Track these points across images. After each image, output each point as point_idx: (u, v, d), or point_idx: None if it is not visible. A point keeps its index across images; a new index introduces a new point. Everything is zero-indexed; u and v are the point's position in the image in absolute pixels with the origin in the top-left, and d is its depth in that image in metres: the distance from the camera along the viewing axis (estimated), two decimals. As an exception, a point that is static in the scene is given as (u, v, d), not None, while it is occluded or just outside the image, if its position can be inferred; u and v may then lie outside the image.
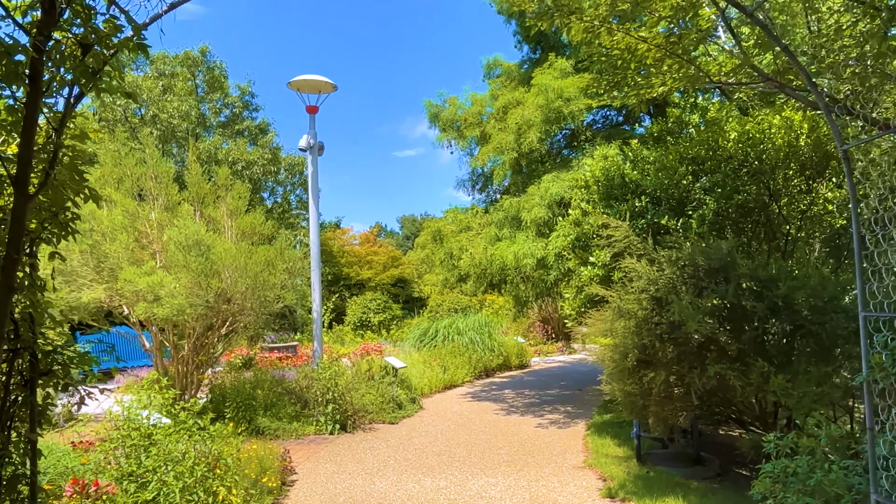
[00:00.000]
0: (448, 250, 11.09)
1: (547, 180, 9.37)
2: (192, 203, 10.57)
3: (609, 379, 6.49)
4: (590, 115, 12.01)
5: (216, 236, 9.55)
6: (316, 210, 10.63)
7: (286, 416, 9.40)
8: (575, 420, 9.68)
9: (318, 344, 10.41)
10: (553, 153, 11.35)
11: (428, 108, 12.40)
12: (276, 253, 9.78)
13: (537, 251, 8.92)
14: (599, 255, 7.11)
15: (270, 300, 9.26)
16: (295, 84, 10.60)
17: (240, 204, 10.51)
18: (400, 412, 10.24)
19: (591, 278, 7.28)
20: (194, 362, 9.81)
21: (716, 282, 5.83)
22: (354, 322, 23.99)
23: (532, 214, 9.12)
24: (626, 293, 6.35)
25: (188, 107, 23.89)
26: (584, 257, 7.61)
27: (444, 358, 14.01)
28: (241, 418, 9.18)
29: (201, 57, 25.28)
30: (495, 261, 9.52)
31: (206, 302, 8.66)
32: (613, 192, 7.49)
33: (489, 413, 10.46)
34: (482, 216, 11.50)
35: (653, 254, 6.03)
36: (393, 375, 11.40)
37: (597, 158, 8.32)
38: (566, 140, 11.75)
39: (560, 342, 20.16)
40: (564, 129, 11.43)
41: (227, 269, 9.08)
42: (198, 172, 10.55)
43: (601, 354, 6.60)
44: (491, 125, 10.98)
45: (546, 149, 11.70)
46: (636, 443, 7.33)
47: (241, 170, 23.86)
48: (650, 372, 5.92)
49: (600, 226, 7.31)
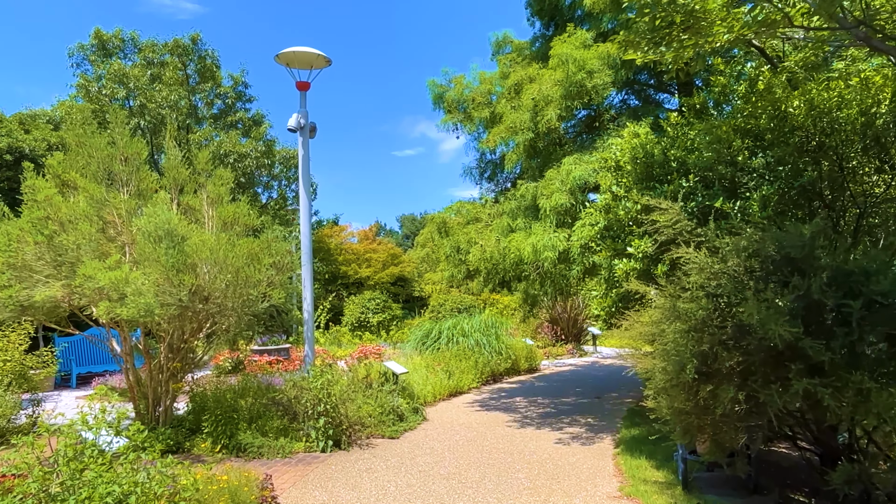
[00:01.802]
0: (455, 243, 9.97)
1: (568, 163, 8.25)
2: (169, 191, 9.45)
3: (656, 395, 5.37)
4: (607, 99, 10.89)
5: (193, 227, 8.43)
6: (307, 198, 9.51)
7: (272, 430, 8.27)
8: (599, 435, 8.56)
9: (309, 347, 9.29)
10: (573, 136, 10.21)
11: (431, 89, 11.28)
12: (261, 246, 8.66)
13: (559, 243, 7.80)
14: (639, 244, 6.00)
15: (254, 299, 8.13)
16: (284, 58, 9.47)
17: (222, 191, 9.38)
18: (401, 425, 9.13)
19: (627, 273, 6.16)
20: (169, 369, 8.69)
21: (788, 274, 4.72)
22: (352, 322, 22.86)
23: (552, 201, 8.00)
24: (677, 289, 5.24)
25: (177, 96, 22.75)
26: (618, 248, 6.49)
27: (449, 362, 12.90)
28: (220, 434, 8.07)
29: (192, 45, 24.14)
30: (509, 254, 8.40)
31: (178, 301, 7.54)
32: (654, 171, 6.38)
33: (501, 425, 9.35)
34: (492, 206, 10.37)
35: (716, 241, 4.91)
36: (393, 382, 10.29)
37: (627, 137, 7.21)
38: (587, 123, 10.62)
39: (570, 344, 19.04)
40: (586, 110, 10.32)
41: (205, 263, 7.95)
42: (175, 157, 9.42)
43: (646, 364, 5.48)
44: (502, 105, 9.86)
45: (565, 129, 10.58)
46: (680, 466, 6.22)
47: (233, 162, 22.73)
48: (711, 386, 4.81)
49: (640, 210, 6.19)
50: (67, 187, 8.76)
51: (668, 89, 11.10)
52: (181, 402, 9.39)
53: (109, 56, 23.59)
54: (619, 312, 7.07)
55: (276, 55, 9.42)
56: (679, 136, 6.78)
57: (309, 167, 9.62)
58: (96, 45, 23.50)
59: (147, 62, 23.72)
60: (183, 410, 9.14)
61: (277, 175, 26.25)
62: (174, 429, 8.50)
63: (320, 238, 27.90)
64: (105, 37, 23.57)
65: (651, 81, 10.63)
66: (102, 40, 23.48)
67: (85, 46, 23.29)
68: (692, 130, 6.59)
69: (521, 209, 9.56)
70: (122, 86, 22.34)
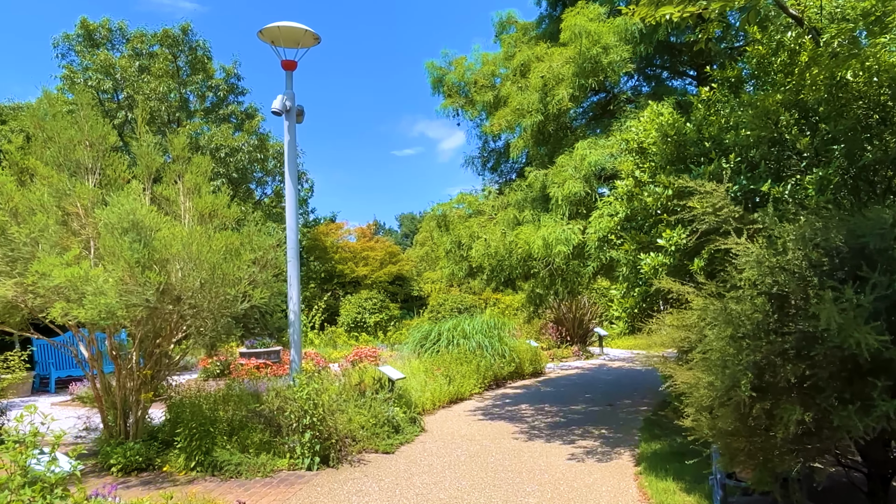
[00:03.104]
0: (455, 238, 9.12)
1: (582, 147, 7.41)
2: (142, 180, 8.61)
3: (697, 412, 4.52)
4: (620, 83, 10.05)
5: (165, 219, 7.59)
6: (294, 187, 8.67)
7: (254, 444, 7.44)
8: (616, 449, 7.72)
9: (295, 352, 8.45)
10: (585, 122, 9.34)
11: (430, 71, 10.42)
12: (242, 240, 7.82)
13: (573, 236, 6.95)
14: (671, 235, 5.16)
15: (232, 299, 7.29)
16: (268, 34, 8.61)
17: (199, 180, 8.55)
18: (397, 437, 8.29)
19: (655, 268, 5.33)
20: (140, 377, 7.85)
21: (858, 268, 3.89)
22: (348, 323, 22.01)
23: (564, 190, 7.16)
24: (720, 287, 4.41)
25: (167, 88, 21.88)
26: (644, 241, 5.66)
27: (449, 366, 12.06)
28: (195, 449, 7.22)
29: (182, 36, 23.25)
30: (517, 249, 7.56)
31: (146, 301, 6.69)
32: (686, 152, 5.54)
33: (506, 437, 8.51)
34: (496, 198, 9.53)
35: (773, 228, 4.06)
36: (389, 390, 9.45)
37: (650, 115, 6.38)
38: (601, 105, 9.76)
39: (575, 345, 18.21)
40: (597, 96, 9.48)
41: (176, 259, 7.12)
42: (148, 143, 8.58)
43: (682, 376, 4.64)
44: (507, 87, 9.01)
45: (575, 115, 9.73)
46: (717, 493, 5.38)
47: (224, 157, 21.87)
48: (767, 404, 3.97)
49: (671, 196, 5.36)
50: (27, 175, 7.93)
51: (683, 75, 10.26)
52: (160, 410, 8.56)
53: (97, 47, 22.71)
54: (644, 314, 6.23)
55: (260, 31, 8.57)
56: (711, 113, 5.96)
57: (296, 154, 8.78)
58: (83, 35, 22.62)
59: (136, 53, 22.85)
60: (160, 420, 8.32)
61: (272, 170, 25.38)
62: (146, 442, 7.68)
63: (316, 235, 27.05)
64: (92, 27, 22.70)
65: (667, 63, 9.78)
66: (89, 30, 22.60)
67: (70, 36, 22.42)
68: (727, 106, 5.76)
69: (529, 200, 8.72)
70: (109, 77, 21.47)
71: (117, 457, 7.28)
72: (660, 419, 9.30)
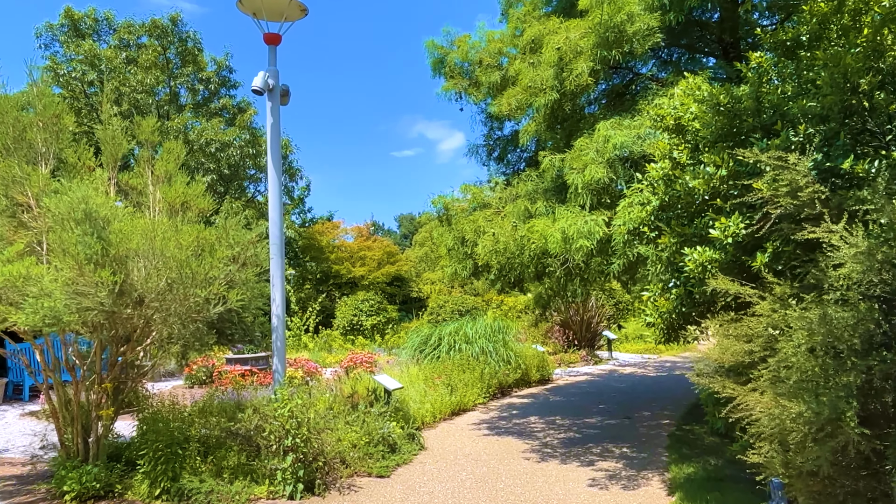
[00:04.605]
0: (459, 234, 8.18)
1: (605, 128, 6.47)
2: (107, 168, 7.68)
3: (768, 444, 3.57)
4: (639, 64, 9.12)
5: (128, 210, 6.65)
6: (276, 175, 7.73)
7: (229, 468, 6.50)
8: (643, 473, 6.77)
9: (279, 361, 7.50)
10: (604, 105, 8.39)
11: (430, 51, 9.48)
12: (217, 234, 6.88)
13: (596, 228, 6.01)
14: (727, 224, 4.22)
15: (203, 302, 6.32)
16: (249, 4, 7.67)
17: (171, 168, 7.61)
18: (393, 458, 7.34)
19: (703, 265, 4.38)
20: (102, 389, 6.90)
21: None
22: (344, 326, 21.04)
23: (585, 176, 6.20)
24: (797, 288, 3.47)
25: (154, 80, 20.93)
26: (688, 233, 4.72)
27: (451, 374, 11.11)
28: (160, 474, 6.28)
29: (172, 26, 22.29)
30: (529, 245, 6.62)
31: (99, 304, 5.75)
32: (742, 124, 4.60)
33: (516, 457, 7.57)
34: (503, 189, 8.58)
35: (884, 209, 3.12)
36: (385, 402, 8.51)
37: (685, 89, 5.45)
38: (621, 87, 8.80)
39: (583, 350, 17.26)
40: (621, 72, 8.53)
41: (139, 255, 6.17)
42: (115, 127, 7.64)
43: (746, 398, 3.68)
44: (516, 65, 8.07)
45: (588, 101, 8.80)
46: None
47: (215, 152, 20.91)
48: (877, 441, 3.04)
49: (727, 175, 4.42)
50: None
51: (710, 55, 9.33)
52: (131, 424, 7.58)
53: (82, 38, 21.76)
54: (684, 320, 5.29)
55: (240, 0, 7.62)
56: (764, 82, 5.02)
57: (280, 138, 7.85)
58: (67, 25, 21.67)
59: (123, 44, 21.91)
60: (131, 435, 7.36)
61: (266, 167, 24.41)
62: (108, 464, 6.74)
63: (311, 234, 26.08)
64: (77, 16, 21.76)
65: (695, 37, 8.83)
66: (74, 20, 21.66)
67: (54, 26, 21.47)
68: (786, 69, 4.83)
69: (541, 191, 7.78)
70: (94, 68, 20.51)
71: (71, 482, 6.33)
72: (686, 435, 8.36)
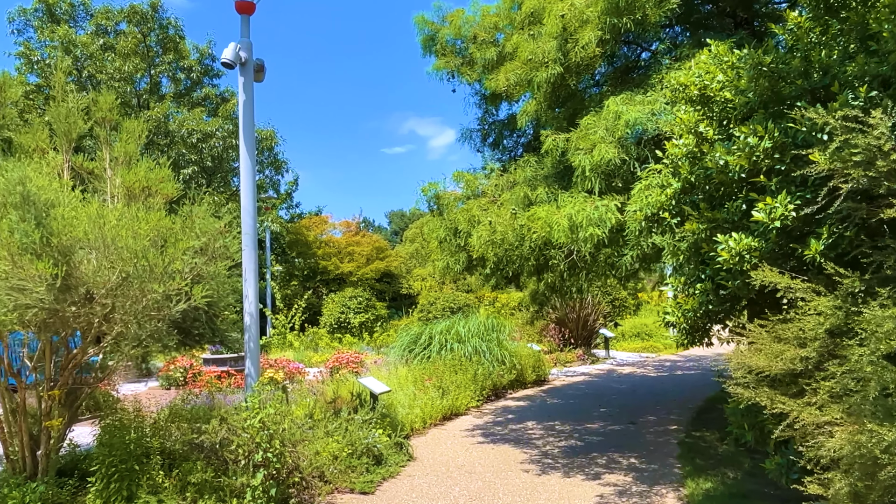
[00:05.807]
0: (451, 225, 7.48)
1: (615, 104, 5.78)
2: (60, 150, 6.92)
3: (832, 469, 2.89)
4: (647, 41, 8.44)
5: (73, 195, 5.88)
6: (249, 159, 7.00)
7: (194, 485, 5.77)
8: (656, 488, 6.10)
9: (252, 364, 6.78)
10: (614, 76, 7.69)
11: (420, 27, 8.75)
12: (181, 223, 6.14)
13: (608, 215, 5.32)
14: (773, 205, 3.54)
15: (163, 298, 5.57)
16: (219, -31, 6.91)
17: (131, 150, 6.86)
18: (378, 471, 6.64)
19: (740, 254, 3.71)
20: (51, 397, 6.15)
21: None
22: (331, 324, 20.29)
23: (594, 157, 5.51)
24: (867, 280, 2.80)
25: (133, 67, 20.05)
26: (718, 217, 4.04)
27: (442, 375, 10.42)
28: (114, 493, 5.54)
29: (152, 12, 21.40)
30: (530, 234, 5.93)
31: (39, 301, 5.00)
32: (786, 90, 3.93)
33: (514, 469, 6.89)
34: (499, 176, 7.88)
35: None
36: (370, 408, 7.81)
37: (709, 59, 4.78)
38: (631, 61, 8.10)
39: (579, 349, 16.62)
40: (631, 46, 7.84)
41: (87, 245, 5.42)
42: (67, 104, 6.87)
43: (803, 415, 3.01)
44: (514, 39, 7.37)
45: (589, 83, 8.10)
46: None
47: (196, 143, 20.07)
48: None
49: (771, 148, 3.74)
50: None
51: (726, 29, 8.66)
52: (94, 429, 6.81)
53: (57, 23, 20.83)
54: (710, 319, 4.63)
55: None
56: (802, 41, 4.36)
57: (252, 118, 7.11)
58: (42, 10, 20.74)
59: (100, 30, 21.00)
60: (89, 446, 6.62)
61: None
62: (59, 480, 6.01)
63: (298, 230, 25.29)
64: (52, 1, 20.82)
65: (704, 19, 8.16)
66: (49, 4, 20.72)
67: (27, 11, 20.53)
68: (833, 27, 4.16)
69: (541, 177, 7.09)
70: (69, 54, 19.60)
71: (13, 502, 5.59)
72: (697, 443, 7.72)
